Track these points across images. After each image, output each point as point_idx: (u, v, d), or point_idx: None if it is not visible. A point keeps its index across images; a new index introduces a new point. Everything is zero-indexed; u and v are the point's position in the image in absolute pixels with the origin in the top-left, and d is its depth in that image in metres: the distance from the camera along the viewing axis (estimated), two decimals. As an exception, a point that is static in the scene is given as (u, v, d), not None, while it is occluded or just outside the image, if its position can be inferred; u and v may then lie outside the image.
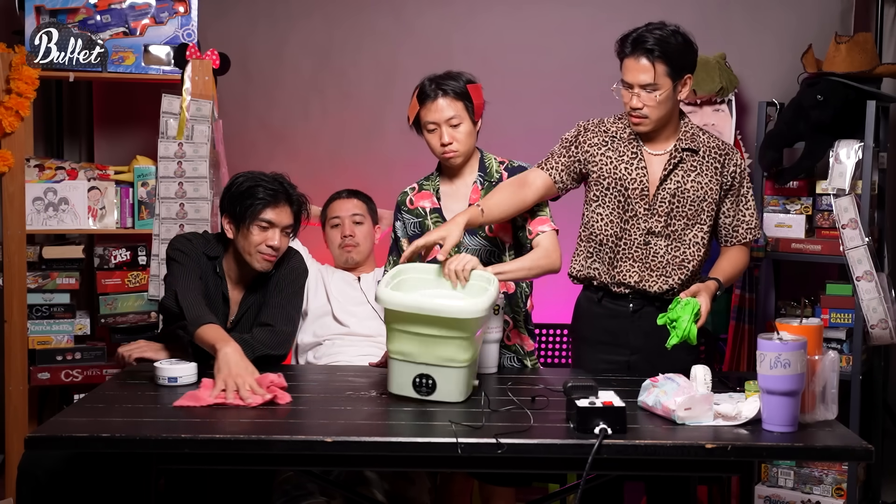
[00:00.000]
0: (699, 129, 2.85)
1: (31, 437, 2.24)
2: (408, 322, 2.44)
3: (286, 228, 2.93)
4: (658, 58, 2.67)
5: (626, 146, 2.82)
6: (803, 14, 3.89)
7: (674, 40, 2.69)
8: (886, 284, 3.42)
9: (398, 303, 2.45)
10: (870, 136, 3.40)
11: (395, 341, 2.49)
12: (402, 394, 2.50)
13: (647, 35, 2.69)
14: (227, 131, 3.78)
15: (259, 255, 2.89)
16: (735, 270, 2.84)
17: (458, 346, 2.44)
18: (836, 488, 3.46)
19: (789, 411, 2.24)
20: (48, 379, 3.65)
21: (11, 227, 3.57)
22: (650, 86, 2.69)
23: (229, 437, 2.24)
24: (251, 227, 2.88)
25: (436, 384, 2.46)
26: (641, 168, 2.79)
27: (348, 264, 3.51)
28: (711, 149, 2.81)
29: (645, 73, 2.68)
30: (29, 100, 3.54)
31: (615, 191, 2.81)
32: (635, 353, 2.81)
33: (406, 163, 4.04)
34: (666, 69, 2.68)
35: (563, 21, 4.01)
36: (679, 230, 2.79)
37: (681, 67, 2.71)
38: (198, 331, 2.70)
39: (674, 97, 2.73)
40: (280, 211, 2.91)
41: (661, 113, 2.73)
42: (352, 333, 3.29)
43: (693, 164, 2.79)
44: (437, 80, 2.94)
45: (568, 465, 2.35)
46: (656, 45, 2.67)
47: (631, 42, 2.71)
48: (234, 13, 4.08)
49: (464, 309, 2.43)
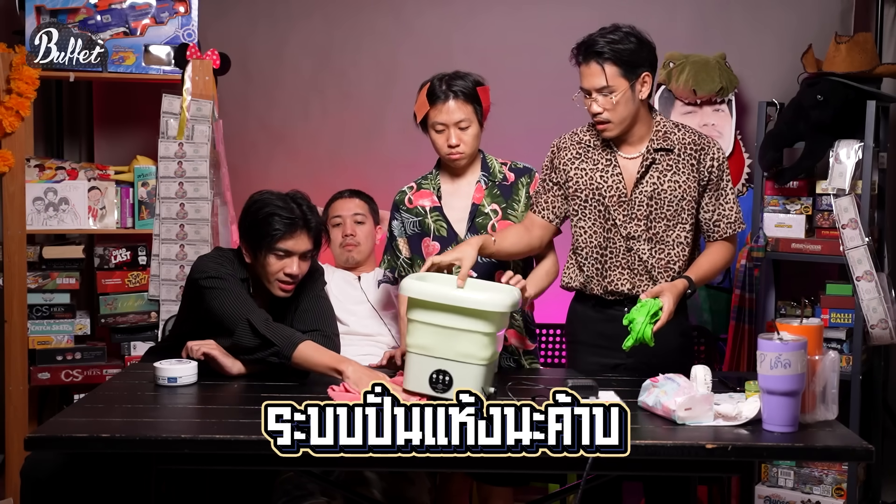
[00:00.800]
0: (674, 125, 2.81)
1: (31, 438, 2.24)
2: (430, 311, 2.45)
3: (305, 254, 2.86)
4: (607, 60, 2.66)
5: (599, 154, 2.80)
6: (803, 14, 3.89)
7: (624, 41, 2.68)
8: (886, 284, 3.42)
9: (423, 291, 2.46)
10: (870, 136, 3.40)
11: (414, 334, 2.49)
12: (419, 391, 2.49)
13: (597, 39, 2.69)
14: (227, 131, 3.78)
15: (277, 283, 2.83)
16: (713, 268, 2.77)
17: (478, 342, 2.44)
18: (836, 488, 3.46)
19: (789, 411, 2.24)
20: (48, 379, 3.65)
21: (11, 227, 3.57)
22: (605, 89, 2.67)
23: (229, 437, 2.24)
24: (268, 256, 2.81)
25: (452, 381, 2.45)
26: (616, 175, 2.78)
27: (349, 263, 3.52)
28: (686, 145, 2.77)
29: (597, 77, 2.68)
30: (29, 100, 3.54)
31: (593, 201, 2.80)
32: (630, 356, 2.80)
33: (406, 163, 4.05)
34: (617, 70, 2.67)
35: (563, 21, 4.00)
36: (661, 232, 2.77)
37: (634, 66, 2.68)
38: (295, 353, 2.65)
39: (634, 97, 2.70)
40: (298, 239, 2.81)
41: (622, 115, 2.70)
42: (351, 332, 3.29)
43: (668, 163, 2.76)
44: (448, 81, 2.94)
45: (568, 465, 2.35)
46: (605, 48, 2.66)
47: (581, 49, 2.71)
48: (234, 13, 4.08)
49: (489, 301, 2.44)
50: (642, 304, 2.56)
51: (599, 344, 2.84)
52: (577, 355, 2.92)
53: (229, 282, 2.80)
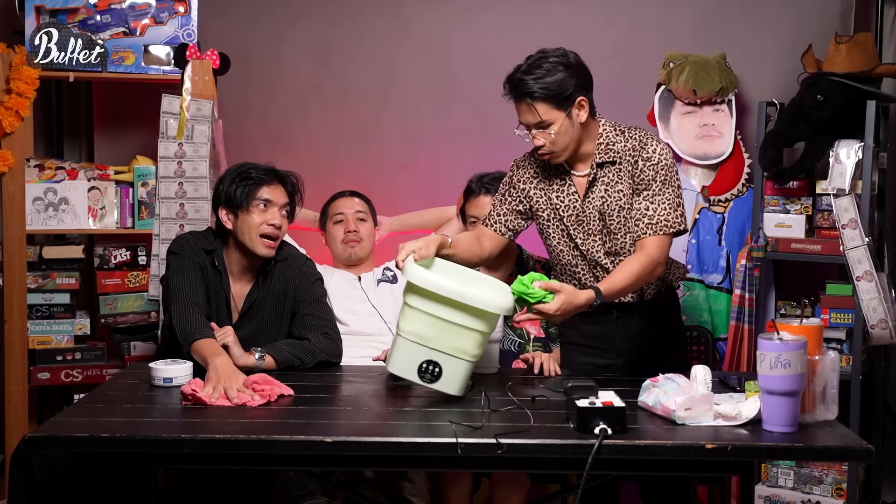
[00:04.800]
0: (618, 133, 2.73)
1: (31, 437, 2.24)
2: (431, 302, 2.42)
3: (283, 207, 3.00)
4: (537, 98, 2.61)
5: (555, 173, 2.78)
6: (803, 14, 3.89)
7: (552, 73, 2.61)
8: (886, 284, 3.42)
9: (429, 281, 2.42)
10: (870, 136, 3.40)
11: (410, 320, 2.45)
12: (403, 376, 2.47)
13: (523, 79, 2.63)
14: (227, 131, 3.78)
15: (261, 238, 2.94)
16: (626, 278, 2.60)
17: (474, 340, 2.44)
18: (836, 488, 3.46)
19: (789, 411, 2.24)
20: (48, 379, 3.65)
21: (11, 227, 3.57)
22: (539, 124, 2.64)
23: (229, 437, 2.24)
24: (250, 208, 2.95)
25: (441, 373, 2.44)
26: (572, 193, 2.76)
27: (351, 260, 3.52)
28: (627, 153, 2.71)
29: (530, 114, 2.64)
30: (29, 100, 3.54)
31: (555, 221, 2.79)
32: (622, 356, 2.81)
33: (405, 163, 4.06)
34: (548, 106, 2.62)
35: (563, 21, 4.01)
36: (619, 244, 2.74)
37: (566, 97, 2.62)
38: (191, 347, 2.72)
39: (573, 123, 2.65)
40: (275, 189, 2.99)
41: (564, 143, 2.67)
42: (352, 332, 3.29)
43: (611, 175, 2.72)
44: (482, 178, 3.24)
45: (568, 466, 2.36)
46: (532, 88, 2.61)
47: (509, 90, 2.67)
48: (234, 13, 4.08)
49: (494, 303, 2.43)
50: (523, 282, 2.47)
51: (589, 344, 2.84)
52: (569, 356, 2.92)
53: (183, 258, 2.95)
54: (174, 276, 2.93)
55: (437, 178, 3.99)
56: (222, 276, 2.98)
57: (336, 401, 2.59)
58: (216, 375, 2.57)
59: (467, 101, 4.00)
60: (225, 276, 2.98)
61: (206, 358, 2.66)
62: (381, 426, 2.39)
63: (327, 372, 2.87)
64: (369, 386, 2.67)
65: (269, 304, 3.01)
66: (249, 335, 2.93)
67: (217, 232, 3.04)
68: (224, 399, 2.50)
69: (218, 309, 2.97)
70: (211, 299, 2.96)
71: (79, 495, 2.64)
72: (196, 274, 2.93)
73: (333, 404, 2.54)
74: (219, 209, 3.01)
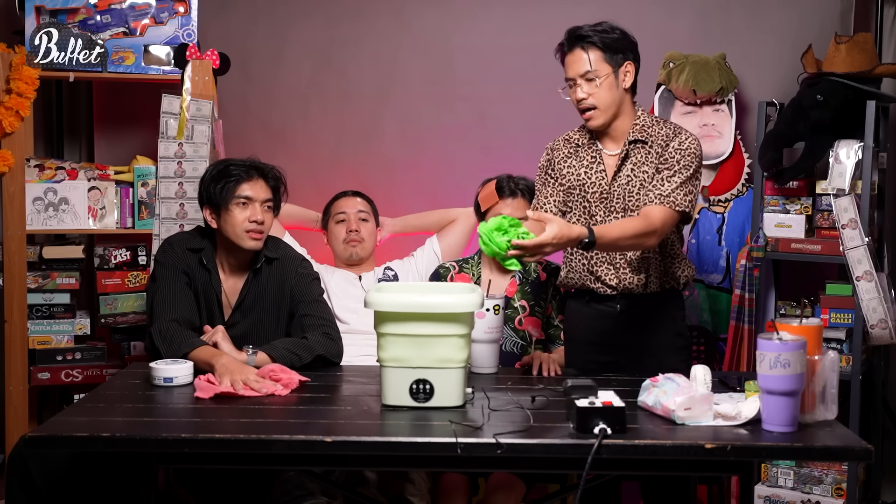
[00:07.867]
0: (655, 120, 2.85)
1: (31, 437, 2.24)
2: (400, 322, 2.40)
3: (266, 202, 2.98)
4: (591, 44, 2.75)
5: (586, 151, 2.86)
6: (803, 14, 3.89)
7: (608, 31, 2.77)
8: (886, 284, 3.42)
9: (390, 303, 2.41)
10: (870, 136, 3.40)
11: (387, 348, 2.42)
12: (398, 403, 2.43)
13: (581, 27, 2.78)
14: (227, 131, 3.78)
15: (246, 233, 2.94)
16: (619, 231, 2.62)
17: (455, 345, 2.41)
18: (836, 488, 3.46)
19: (789, 411, 2.24)
20: (48, 379, 3.65)
21: (11, 227, 3.57)
22: (589, 73, 2.74)
23: (229, 437, 2.24)
24: (231, 207, 2.94)
25: (434, 389, 2.41)
26: (600, 171, 2.83)
27: (352, 259, 3.52)
28: (660, 137, 2.80)
29: (581, 62, 2.75)
30: (29, 100, 3.54)
31: (579, 197, 2.85)
32: (623, 353, 2.82)
33: (405, 163, 4.06)
34: (601, 55, 2.74)
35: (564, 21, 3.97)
36: None
37: (616, 51, 2.76)
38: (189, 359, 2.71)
39: (617, 84, 2.76)
40: (255, 185, 2.97)
41: (607, 101, 2.76)
42: (352, 331, 3.29)
43: (641, 155, 2.80)
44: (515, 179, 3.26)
45: (568, 465, 2.36)
46: (588, 34, 2.75)
47: (567, 38, 2.79)
48: (234, 13, 4.08)
49: (459, 302, 2.42)
50: (495, 221, 2.50)
51: (592, 340, 2.87)
52: (574, 353, 2.94)
53: (165, 266, 2.94)
54: (157, 290, 2.92)
55: (437, 178, 3.99)
56: (212, 273, 2.98)
57: (336, 401, 2.59)
58: (227, 371, 2.58)
59: (468, 102, 4.01)
60: (215, 274, 2.98)
61: (208, 361, 2.66)
62: (381, 426, 2.39)
63: (327, 372, 2.87)
64: (369, 386, 2.67)
65: (264, 303, 3.01)
66: (243, 334, 2.93)
67: (206, 230, 3.05)
68: (248, 389, 2.53)
69: (209, 307, 2.97)
70: (201, 298, 2.96)
71: (78, 496, 2.64)
72: (180, 282, 2.93)
73: (333, 404, 2.54)
74: (203, 208, 3.01)
